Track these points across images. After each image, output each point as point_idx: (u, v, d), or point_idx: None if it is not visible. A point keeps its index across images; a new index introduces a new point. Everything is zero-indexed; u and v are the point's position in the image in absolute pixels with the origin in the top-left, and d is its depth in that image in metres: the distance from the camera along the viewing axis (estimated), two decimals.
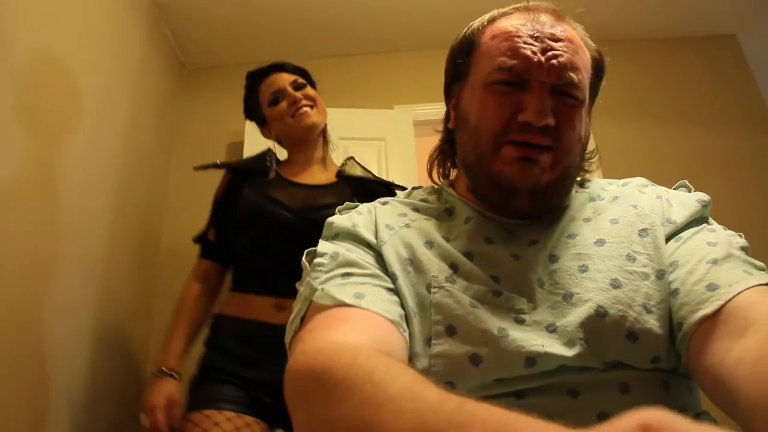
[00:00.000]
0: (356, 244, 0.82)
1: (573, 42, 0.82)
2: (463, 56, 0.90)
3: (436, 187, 0.99)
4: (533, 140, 0.78)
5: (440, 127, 1.02)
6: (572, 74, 0.79)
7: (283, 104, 1.68)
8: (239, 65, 2.43)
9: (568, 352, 0.69)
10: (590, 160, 0.94)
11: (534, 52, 0.79)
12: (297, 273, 1.23)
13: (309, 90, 1.73)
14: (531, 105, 0.77)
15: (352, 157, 1.85)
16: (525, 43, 0.80)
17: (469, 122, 0.85)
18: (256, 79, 1.77)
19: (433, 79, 3.42)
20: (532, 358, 0.68)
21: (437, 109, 3.22)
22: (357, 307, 0.70)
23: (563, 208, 0.86)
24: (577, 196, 0.89)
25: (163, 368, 1.53)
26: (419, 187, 0.99)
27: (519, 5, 0.87)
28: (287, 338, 0.79)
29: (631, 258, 0.76)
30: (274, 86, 1.72)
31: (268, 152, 1.74)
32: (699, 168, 2.98)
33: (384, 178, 3.10)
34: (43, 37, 1.65)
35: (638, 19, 3.20)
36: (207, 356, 1.56)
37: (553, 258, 0.79)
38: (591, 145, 0.92)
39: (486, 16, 0.89)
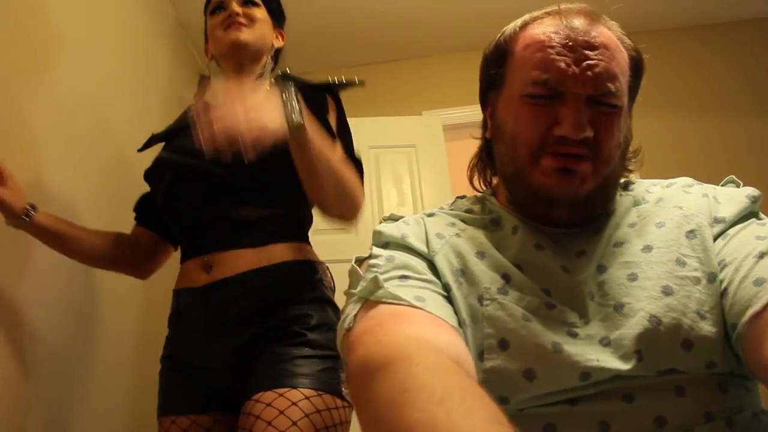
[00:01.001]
0: (408, 253, 0.81)
1: (608, 47, 0.78)
2: (496, 66, 0.87)
3: (479, 196, 0.97)
4: (571, 152, 0.76)
5: (475, 133, 1.00)
6: (609, 84, 0.76)
7: (222, 15, 1.38)
8: None
9: (624, 366, 0.67)
10: (633, 160, 0.91)
11: (568, 64, 0.76)
12: (218, 224, 1.23)
13: (256, 11, 1.41)
14: (567, 118, 0.75)
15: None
16: (558, 54, 0.77)
17: (506, 134, 0.84)
18: None
19: (459, 82, 3.43)
20: (587, 373, 0.67)
21: (466, 113, 3.26)
22: (421, 309, 0.68)
23: (608, 214, 0.83)
24: (622, 200, 0.86)
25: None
26: (463, 197, 0.98)
27: (551, 9, 0.83)
28: (339, 338, 0.76)
29: (680, 262, 0.73)
30: None
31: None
32: (750, 160, 2.88)
33: (417, 184, 3.15)
34: (80, 63, 1.70)
35: (678, 6, 3.12)
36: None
37: (601, 268, 0.77)
38: (634, 145, 0.90)
39: (518, 22, 0.87)
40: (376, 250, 0.82)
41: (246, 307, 1.18)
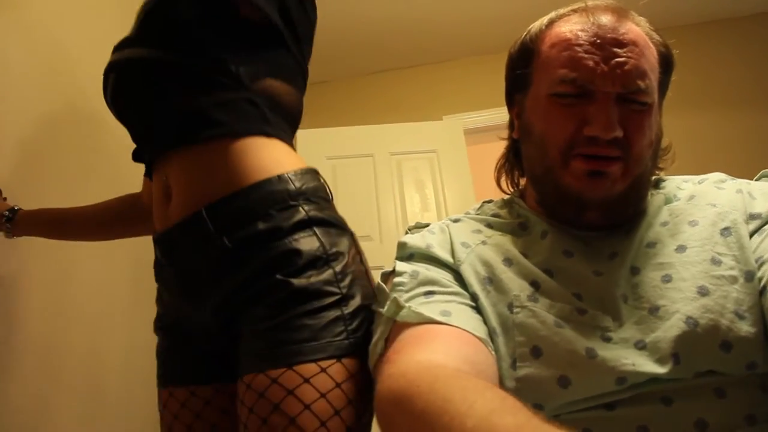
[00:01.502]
0: (433, 264, 0.80)
1: (637, 44, 0.76)
2: (522, 65, 0.86)
3: (506, 199, 0.96)
4: (602, 152, 0.75)
5: (497, 135, 0.99)
6: (639, 81, 0.74)
7: None
8: None
9: (661, 369, 0.65)
10: (664, 158, 0.89)
11: (596, 62, 0.74)
12: (167, 119, 0.92)
13: None
14: (597, 118, 0.74)
15: None
16: (586, 52, 0.75)
17: (534, 134, 0.82)
18: None
19: (478, 86, 3.42)
20: (623, 377, 0.66)
21: (486, 116, 3.26)
22: (446, 324, 0.68)
23: (640, 214, 0.82)
24: (653, 198, 0.84)
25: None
26: (489, 201, 0.96)
27: (577, 6, 0.81)
28: (371, 363, 0.76)
29: (716, 261, 0.71)
30: None
31: None
32: (766, 154, 2.83)
33: (440, 189, 3.12)
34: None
35: (692, 2, 3.08)
36: None
37: (634, 270, 0.75)
38: (664, 142, 0.88)
39: (544, 20, 0.85)
40: (399, 266, 0.81)
41: (215, 257, 0.91)
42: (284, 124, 0.99)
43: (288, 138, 1.00)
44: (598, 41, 0.75)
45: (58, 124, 1.48)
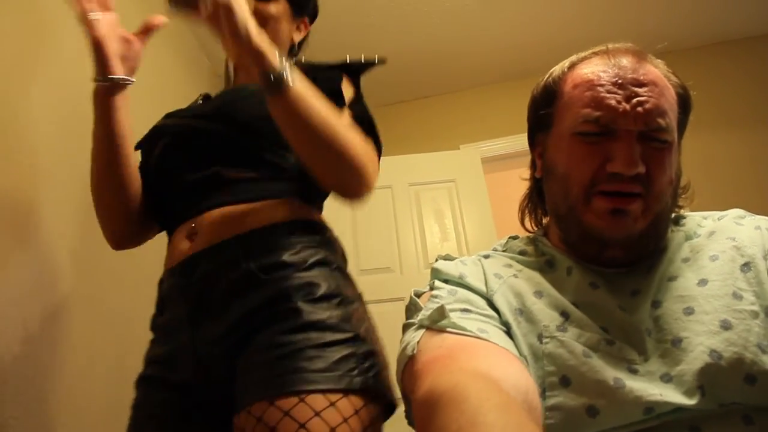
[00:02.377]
0: (467, 290, 0.81)
1: (657, 84, 0.79)
2: (545, 106, 0.89)
3: (530, 237, 0.97)
4: (624, 189, 0.77)
5: (520, 163, 1.01)
6: (660, 120, 0.77)
7: None
8: None
9: (688, 401, 0.65)
10: (683, 196, 0.91)
11: (618, 101, 0.77)
12: (209, 183, 1.02)
13: (271, 6, 1.23)
14: (620, 155, 0.76)
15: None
16: (608, 92, 0.78)
17: (557, 172, 0.84)
18: None
19: (495, 114, 3.43)
20: (650, 407, 0.66)
21: (503, 144, 3.26)
22: (485, 340, 0.69)
23: (661, 250, 0.83)
24: (674, 235, 0.86)
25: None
26: (515, 238, 0.98)
27: (598, 48, 0.85)
28: (399, 365, 0.74)
29: (737, 296, 0.72)
30: None
31: (201, 95, 1.34)
32: None
33: (459, 219, 3.10)
34: None
35: (698, 25, 3.09)
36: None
37: (655, 304, 0.76)
38: (683, 180, 0.90)
39: (566, 63, 0.88)
40: (438, 283, 0.83)
41: (235, 279, 0.94)
42: (315, 194, 1.11)
43: (319, 205, 1.14)
44: (620, 81, 0.78)
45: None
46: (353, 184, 0.99)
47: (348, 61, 1.25)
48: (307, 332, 0.88)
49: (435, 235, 3.01)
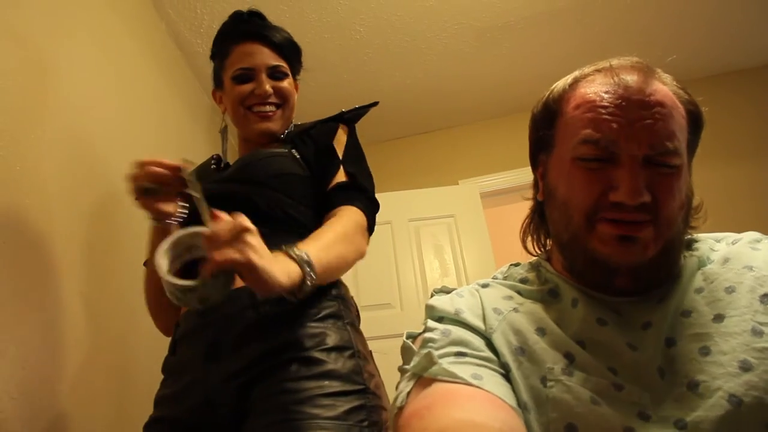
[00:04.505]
0: (464, 328, 0.76)
1: (664, 104, 0.73)
2: (546, 127, 0.84)
3: (533, 262, 0.92)
4: (628, 218, 0.71)
5: (522, 195, 0.95)
6: (667, 143, 0.71)
7: (247, 87, 1.28)
8: None
9: None
10: (696, 216, 0.84)
11: (621, 124, 0.71)
12: None
13: (285, 83, 1.32)
14: (623, 183, 0.70)
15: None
16: (611, 114, 0.72)
17: (558, 198, 0.79)
18: (231, 38, 1.34)
19: (493, 149, 3.45)
20: None
21: (502, 179, 3.27)
22: (478, 388, 0.65)
23: (673, 278, 0.77)
24: (687, 262, 0.79)
25: None
26: (516, 264, 0.93)
27: (601, 66, 0.79)
28: (391, 417, 0.71)
29: (757, 332, 0.66)
30: (248, 61, 1.29)
31: (213, 157, 1.41)
32: None
33: (459, 254, 3.10)
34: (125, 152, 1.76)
35: (707, 55, 3.14)
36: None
37: (669, 341, 0.71)
38: (695, 200, 0.84)
39: (568, 79, 0.82)
40: (430, 323, 0.78)
41: (253, 321, 1.00)
42: None
43: None
44: (624, 104, 0.72)
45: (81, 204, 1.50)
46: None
47: (343, 111, 1.35)
48: (319, 380, 0.92)
49: (435, 270, 3.00)
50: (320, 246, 0.97)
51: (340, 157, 1.22)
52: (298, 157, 1.20)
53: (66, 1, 1.64)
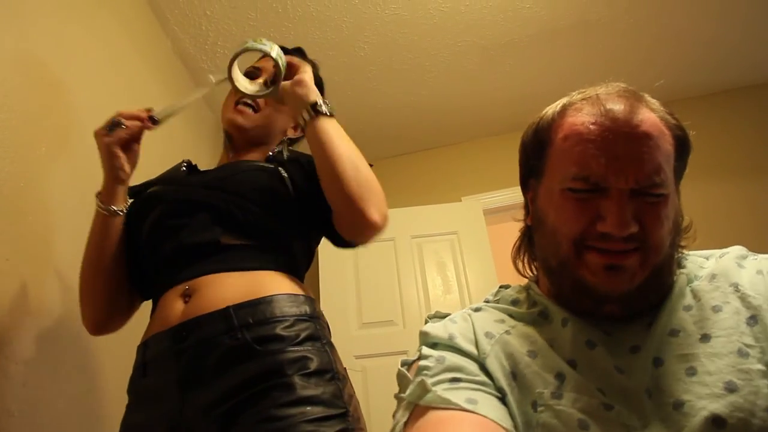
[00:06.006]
0: (458, 354, 0.77)
1: (651, 135, 0.74)
2: (535, 156, 0.85)
3: (523, 285, 0.93)
4: (616, 247, 0.72)
5: (517, 215, 0.96)
6: (654, 177, 0.72)
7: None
8: None
9: None
10: (685, 236, 0.84)
11: (609, 159, 0.72)
12: (205, 248, 1.08)
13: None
14: (611, 215, 0.71)
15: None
16: (598, 148, 0.73)
17: (547, 225, 0.80)
18: None
19: (496, 166, 3.45)
20: None
21: (505, 196, 3.27)
22: (473, 413, 0.65)
23: (663, 297, 0.78)
24: (677, 279, 0.80)
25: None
26: (507, 287, 0.94)
27: (588, 95, 0.80)
28: None
29: (743, 354, 0.66)
30: (260, 63, 1.37)
31: (184, 161, 1.39)
32: None
33: (462, 271, 3.08)
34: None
35: (705, 74, 3.15)
36: None
37: (657, 361, 0.71)
38: (685, 221, 0.84)
39: (557, 107, 0.83)
40: (425, 350, 0.78)
41: (230, 348, 0.97)
42: (302, 267, 1.22)
43: (303, 278, 1.20)
44: (611, 137, 0.73)
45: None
46: (372, 213, 1.05)
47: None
48: (302, 407, 0.91)
49: (438, 287, 2.99)
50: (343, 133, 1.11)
51: None
52: (285, 176, 1.19)
53: (73, 19, 1.67)
